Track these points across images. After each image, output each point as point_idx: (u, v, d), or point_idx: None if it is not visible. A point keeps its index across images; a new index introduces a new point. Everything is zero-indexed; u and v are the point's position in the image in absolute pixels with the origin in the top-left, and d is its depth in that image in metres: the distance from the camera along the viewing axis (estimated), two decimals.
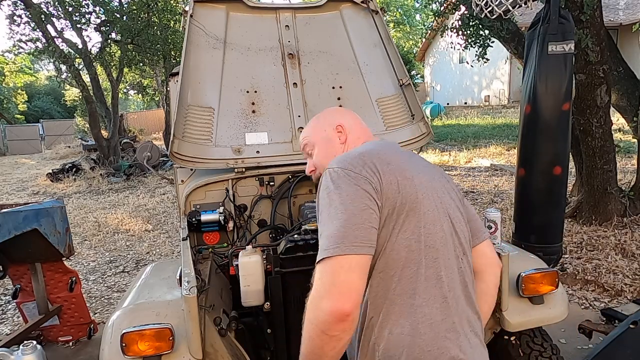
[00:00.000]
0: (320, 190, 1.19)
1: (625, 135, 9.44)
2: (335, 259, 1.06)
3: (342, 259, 1.06)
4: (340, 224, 1.09)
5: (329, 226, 1.11)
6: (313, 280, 1.10)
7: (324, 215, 1.14)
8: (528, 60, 3.22)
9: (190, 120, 2.54)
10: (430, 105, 18.72)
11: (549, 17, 2.99)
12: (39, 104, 34.63)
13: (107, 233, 6.84)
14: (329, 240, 1.08)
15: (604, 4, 4.85)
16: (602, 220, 5.03)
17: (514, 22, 6.13)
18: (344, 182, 1.15)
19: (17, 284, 3.46)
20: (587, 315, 3.45)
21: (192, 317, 1.60)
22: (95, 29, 12.32)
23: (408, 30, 31.13)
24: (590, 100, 4.66)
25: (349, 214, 1.10)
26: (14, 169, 16.15)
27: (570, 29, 3.02)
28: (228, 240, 2.52)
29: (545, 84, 3.09)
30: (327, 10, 2.90)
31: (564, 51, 3.01)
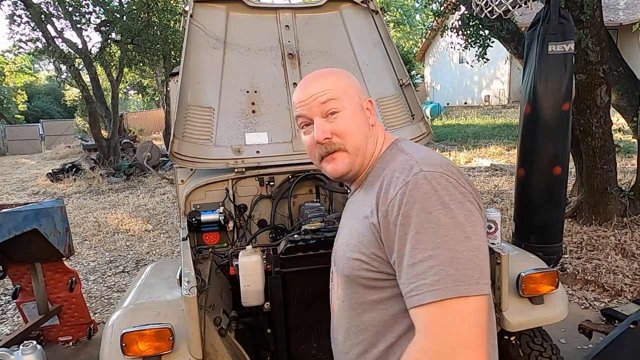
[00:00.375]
0: (419, 195, 0.88)
1: (625, 135, 9.44)
2: (481, 298, 0.84)
3: (485, 299, 0.85)
4: (475, 253, 0.86)
5: (465, 254, 0.85)
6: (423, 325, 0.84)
7: (440, 232, 0.86)
8: (528, 60, 3.22)
9: (190, 120, 2.54)
10: (430, 105, 18.73)
11: (549, 17, 2.99)
12: (39, 104, 34.63)
13: (107, 233, 6.84)
14: (474, 270, 0.84)
15: (604, 4, 4.85)
16: (602, 220, 5.03)
17: (514, 22, 6.13)
18: (460, 196, 0.90)
19: (17, 284, 3.46)
20: (587, 315, 3.45)
21: (192, 317, 1.60)
22: (95, 29, 12.33)
23: (408, 30, 31.13)
24: (590, 100, 4.66)
25: (481, 241, 0.88)
26: (14, 169, 16.15)
27: (570, 29, 3.02)
28: (228, 240, 2.52)
29: (545, 84, 3.09)
30: (327, 10, 2.90)
31: (564, 51, 3.01)
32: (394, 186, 0.93)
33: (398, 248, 0.89)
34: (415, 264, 0.86)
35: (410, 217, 0.88)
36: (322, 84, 1.10)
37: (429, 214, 0.86)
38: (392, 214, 0.91)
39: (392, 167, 1.00)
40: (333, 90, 1.08)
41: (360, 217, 1.01)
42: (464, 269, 0.84)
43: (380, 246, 0.94)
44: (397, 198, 0.91)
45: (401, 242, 0.89)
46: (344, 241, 1.07)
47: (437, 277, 0.83)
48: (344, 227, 1.13)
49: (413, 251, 0.86)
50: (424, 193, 0.88)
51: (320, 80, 1.12)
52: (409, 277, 0.87)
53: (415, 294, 0.85)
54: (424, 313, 0.84)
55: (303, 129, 1.14)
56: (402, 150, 1.06)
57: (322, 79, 1.12)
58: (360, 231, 0.99)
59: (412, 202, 0.88)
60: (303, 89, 1.12)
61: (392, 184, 0.94)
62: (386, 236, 0.92)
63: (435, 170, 0.92)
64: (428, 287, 0.83)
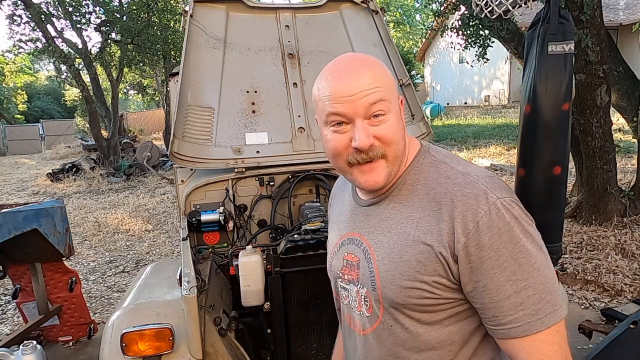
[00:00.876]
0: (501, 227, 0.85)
1: (625, 135, 9.44)
2: (563, 321, 0.87)
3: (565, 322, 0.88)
4: (554, 272, 0.88)
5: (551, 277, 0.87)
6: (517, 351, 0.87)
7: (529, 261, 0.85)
8: (528, 60, 3.21)
9: (190, 120, 2.54)
10: (430, 105, 18.73)
11: (549, 17, 2.98)
12: (39, 104, 34.63)
13: (107, 233, 6.84)
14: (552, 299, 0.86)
15: (604, 4, 4.85)
16: (602, 220, 5.03)
17: (514, 22, 6.13)
18: (529, 220, 0.89)
19: (17, 284, 3.46)
20: (587, 315, 3.45)
21: (192, 317, 1.60)
22: (95, 29, 12.33)
23: (408, 30, 31.11)
24: (590, 100, 4.66)
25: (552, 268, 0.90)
26: (14, 169, 16.15)
27: (570, 29, 3.01)
28: (228, 240, 2.52)
29: (545, 84, 3.08)
30: (327, 10, 2.90)
31: (564, 51, 3.01)
32: (472, 215, 0.86)
33: (486, 281, 0.85)
34: (510, 296, 0.84)
35: (499, 250, 0.84)
36: (370, 78, 0.90)
37: (516, 243, 0.85)
38: (474, 246, 0.85)
39: (451, 188, 0.90)
40: (382, 87, 0.91)
41: (411, 240, 0.92)
42: (555, 292, 0.86)
43: (446, 275, 0.89)
44: (481, 229, 0.84)
45: (490, 275, 0.85)
46: (389, 267, 0.94)
47: (538, 305, 0.84)
48: (380, 246, 0.98)
49: (507, 283, 0.84)
50: (507, 223, 0.85)
51: (366, 72, 0.91)
52: (504, 310, 0.85)
53: (518, 325, 0.85)
54: (532, 343, 0.85)
55: (332, 127, 0.94)
56: (443, 162, 0.97)
57: (369, 71, 0.91)
58: (419, 259, 0.90)
59: (499, 233, 0.84)
60: (344, 80, 0.91)
61: (467, 212, 0.86)
62: (465, 268, 0.87)
63: (507, 195, 0.88)
64: (531, 317, 0.84)
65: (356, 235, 1.05)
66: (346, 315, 1.11)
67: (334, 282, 1.14)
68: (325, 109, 0.93)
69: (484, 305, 0.88)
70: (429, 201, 0.92)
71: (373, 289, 0.98)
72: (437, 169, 0.96)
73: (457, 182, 0.91)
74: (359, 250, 1.02)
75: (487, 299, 0.86)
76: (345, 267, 1.07)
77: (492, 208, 0.85)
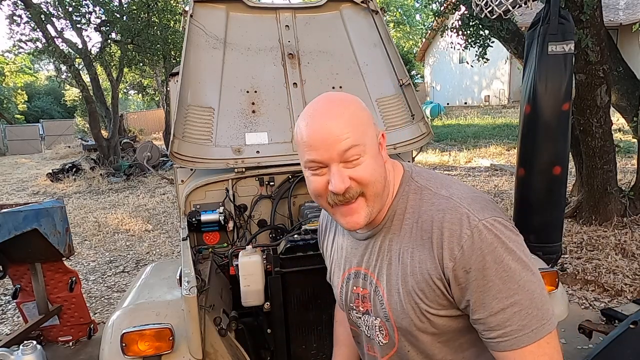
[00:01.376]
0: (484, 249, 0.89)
1: (625, 135, 9.44)
2: (554, 332, 0.91)
3: (556, 333, 0.92)
4: (542, 285, 0.92)
5: (538, 292, 0.90)
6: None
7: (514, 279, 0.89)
8: (528, 60, 3.21)
9: (190, 120, 2.54)
10: (430, 105, 18.73)
11: (549, 17, 2.98)
12: (39, 104, 34.64)
13: (107, 233, 6.84)
14: (548, 303, 0.91)
15: (604, 4, 4.85)
16: (602, 220, 5.03)
17: (514, 22, 6.13)
18: (513, 236, 0.93)
19: (17, 284, 3.46)
20: (587, 315, 3.45)
21: (192, 317, 1.60)
22: (95, 29, 12.33)
23: (408, 30, 31.11)
24: (590, 100, 4.66)
25: (537, 269, 0.93)
26: (14, 169, 16.15)
27: (570, 29, 3.01)
28: (228, 240, 2.52)
29: (545, 84, 3.08)
30: (327, 10, 2.90)
31: (564, 51, 3.01)
32: (457, 240, 0.90)
33: (475, 300, 0.91)
34: (497, 312, 0.89)
35: (484, 270, 0.89)
36: (341, 124, 0.92)
37: (500, 263, 0.88)
38: (461, 269, 0.90)
39: (436, 215, 0.94)
40: (354, 133, 0.93)
41: (409, 271, 0.97)
42: (542, 306, 0.89)
43: (446, 298, 0.95)
44: (466, 252, 0.89)
45: (478, 295, 0.90)
46: (397, 298, 0.99)
47: (525, 321, 0.88)
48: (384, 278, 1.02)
49: (493, 301, 0.89)
50: (490, 244, 0.89)
51: (337, 119, 0.93)
52: (493, 325, 0.90)
53: (506, 339, 0.89)
54: (521, 356, 0.89)
55: (311, 170, 0.97)
56: (426, 188, 1.01)
57: (339, 117, 0.93)
58: (421, 288, 0.96)
59: (482, 254, 0.89)
60: (317, 127, 0.93)
61: (452, 237, 0.91)
62: (455, 289, 0.93)
63: (489, 215, 0.92)
64: (517, 332, 0.88)
65: (360, 270, 1.10)
66: (365, 344, 1.16)
67: (347, 312, 1.19)
68: (303, 155, 0.97)
69: (475, 321, 0.93)
70: (417, 230, 0.97)
71: (387, 319, 1.03)
72: (420, 197, 1.00)
73: (440, 208, 0.95)
74: (367, 284, 1.08)
75: (477, 315, 0.92)
76: (357, 299, 1.12)
77: (475, 231, 0.90)
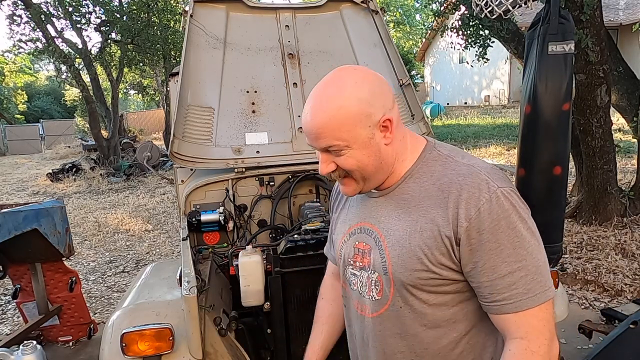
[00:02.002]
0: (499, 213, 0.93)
1: (625, 135, 9.44)
2: (551, 301, 0.97)
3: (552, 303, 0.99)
4: (545, 257, 0.97)
5: (543, 260, 0.96)
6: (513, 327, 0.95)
7: (523, 245, 0.94)
8: (528, 60, 3.21)
9: (190, 120, 2.54)
10: (430, 105, 18.73)
11: (549, 17, 2.98)
12: (39, 104, 34.61)
13: (107, 233, 6.84)
14: (542, 280, 0.95)
15: (604, 4, 4.85)
16: (602, 220, 5.03)
17: (514, 22, 6.13)
18: (525, 207, 0.98)
19: (17, 284, 3.46)
20: (587, 315, 3.45)
21: (192, 317, 1.60)
22: (95, 29, 12.33)
23: (408, 30, 31.09)
24: (590, 100, 4.66)
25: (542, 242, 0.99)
26: (14, 169, 16.15)
27: (570, 29, 3.01)
28: (228, 240, 2.52)
29: (545, 84, 3.08)
30: (327, 10, 2.90)
31: (564, 51, 3.00)
32: (474, 202, 0.94)
33: (484, 261, 0.94)
34: (505, 275, 0.93)
35: (497, 234, 0.93)
36: (322, 124, 0.97)
37: (513, 229, 0.93)
38: (475, 230, 0.94)
39: (456, 178, 0.98)
40: (334, 131, 0.97)
41: (419, 226, 1.00)
42: (545, 274, 0.95)
43: (450, 257, 0.98)
44: (482, 215, 0.93)
45: (488, 256, 0.94)
46: (400, 252, 1.02)
47: (530, 285, 0.93)
48: (390, 233, 1.05)
49: (502, 264, 0.93)
50: (506, 210, 0.93)
51: (321, 116, 0.98)
52: (499, 288, 0.94)
53: (511, 302, 0.94)
54: (523, 318, 0.94)
55: None
56: (448, 157, 1.05)
57: (323, 117, 0.97)
58: (426, 243, 0.98)
59: (498, 218, 0.93)
60: (306, 117, 1.01)
61: (470, 199, 0.94)
62: (465, 250, 0.95)
63: (506, 185, 0.97)
64: (522, 296, 0.93)
65: (367, 225, 1.12)
66: (355, 302, 1.17)
67: (343, 269, 1.20)
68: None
69: (480, 284, 0.96)
70: (435, 191, 1.00)
71: (385, 273, 1.05)
72: (443, 163, 1.04)
73: (462, 173, 0.99)
74: (370, 239, 1.10)
75: (484, 277, 0.95)
76: (357, 254, 1.14)
77: (493, 196, 0.94)
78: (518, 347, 0.95)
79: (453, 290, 1.02)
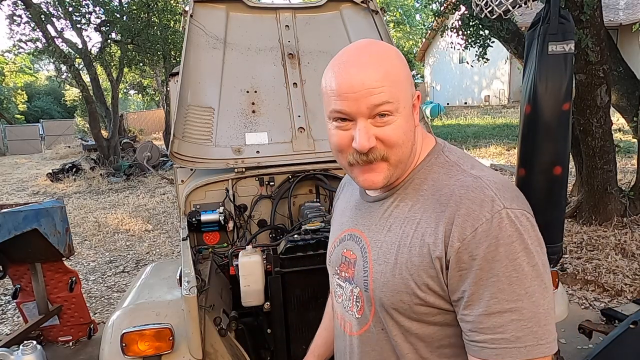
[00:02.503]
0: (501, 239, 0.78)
1: (625, 135, 9.44)
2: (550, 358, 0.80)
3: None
4: (551, 305, 0.80)
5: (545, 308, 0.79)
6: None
7: (525, 283, 0.77)
8: (528, 60, 3.21)
9: (190, 120, 2.54)
10: (430, 105, 18.73)
11: (549, 17, 2.98)
12: (39, 104, 34.61)
13: (107, 233, 6.84)
14: (551, 325, 0.79)
15: (604, 4, 4.85)
16: (602, 220, 5.03)
17: (514, 22, 6.13)
18: (537, 239, 0.81)
19: (17, 284, 3.46)
20: (587, 315, 3.45)
21: (192, 317, 1.60)
22: (95, 29, 12.33)
23: (408, 30, 31.09)
24: (590, 100, 4.66)
25: (552, 288, 0.82)
26: (14, 169, 16.15)
27: (570, 29, 3.01)
28: (228, 240, 2.52)
29: (545, 84, 3.08)
30: (327, 10, 2.90)
31: (564, 51, 3.01)
32: (472, 221, 0.79)
33: (471, 292, 0.79)
34: (493, 314, 0.78)
35: (492, 262, 0.77)
36: (378, 75, 0.82)
37: (513, 260, 0.77)
38: (467, 253, 0.79)
39: (458, 191, 0.84)
40: (391, 87, 0.83)
41: (408, 242, 0.87)
42: (544, 325, 0.78)
43: (438, 280, 0.84)
44: (478, 236, 0.78)
45: (476, 287, 0.79)
46: (383, 268, 0.90)
47: (521, 333, 0.77)
48: (377, 245, 0.93)
49: (492, 300, 0.78)
50: (508, 236, 0.78)
51: (374, 67, 0.83)
52: (484, 327, 0.79)
53: (492, 346, 0.78)
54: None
55: (335, 122, 0.88)
56: (456, 164, 0.91)
57: (377, 67, 0.83)
58: (413, 262, 0.86)
59: (496, 244, 0.78)
60: (349, 75, 0.84)
61: (468, 217, 0.80)
62: (454, 275, 0.81)
63: (517, 207, 0.81)
64: (508, 343, 0.77)
65: (357, 232, 1.01)
66: (339, 315, 1.07)
67: (332, 277, 1.10)
68: (329, 104, 0.88)
69: (463, 317, 0.82)
70: (433, 202, 0.87)
71: (365, 289, 0.94)
72: (448, 171, 0.90)
73: (465, 185, 0.84)
74: (358, 248, 0.99)
75: (468, 310, 0.81)
76: (343, 263, 1.03)
77: (496, 217, 0.79)
78: None
79: (440, 321, 0.87)
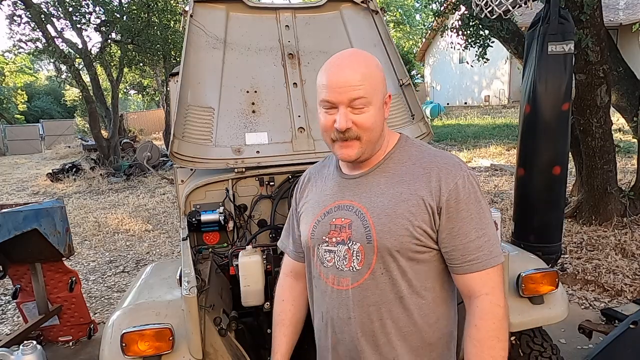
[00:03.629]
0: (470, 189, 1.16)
1: (625, 135, 9.44)
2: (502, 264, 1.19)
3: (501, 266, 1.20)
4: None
5: (493, 232, 1.18)
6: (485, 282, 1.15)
7: (486, 216, 1.18)
8: (528, 60, 3.21)
9: (190, 120, 2.54)
10: (430, 105, 18.71)
11: (549, 17, 2.98)
12: (39, 104, 34.60)
13: (107, 233, 6.84)
14: (498, 245, 1.17)
15: (604, 4, 4.85)
16: (602, 220, 5.03)
17: (514, 22, 6.13)
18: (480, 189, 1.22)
19: (17, 284, 3.46)
20: (587, 315, 3.45)
21: (192, 317, 1.60)
22: (95, 29, 12.34)
23: (408, 30, 31.09)
24: (590, 100, 4.67)
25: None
26: (14, 169, 16.15)
27: (570, 29, 3.02)
28: (228, 240, 2.52)
29: (545, 84, 3.08)
30: (327, 10, 2.90)
31: (564, 51, 3.01)
32: (452, 178, 1.15)
33: (458, 227, 1.14)
34: (474, 239, 1.15)
35: (469, 204, 1.15)
36: (358, 75, 1.14)
37: (478, 202, 1.16)
38: (454, 200, 1.14)
39: (435, 159, 1.20)
40: (367, 86, 1.14)
41: (404, 197, 1.16)
42: (497, 243, 1.18)
43: (431, 225, 1.15)
44: (459, 187, 1.15)
45: (462, 223, 1.14)
46: (386, 220, 1.16)
47: (491, 249, 1.15)
48: (373, 205, 1.19)
49: (472, 231, 1.15)
50: (473, 186, 1.17)
51: (355, 71, 1.14)
52: (470, 250, 1.14)
53: (479, 261, 1.14)
54: (487, 275, 1.15)
55: (324, 109, 1.19)
56: (422, 145, 1.28)
57: (358, 70, 1.14)
58: (411, 211, 1.15)
59: (469, 192, 1.15)
60: (337, 74, 1.15)
61: (449, 175, 1.16)
62: (445, 218, 1.15)
63: (471, 170, 1.20)
64: (487, 257, 1.14)
65: (345, 202, 1.24)
66: (330, 278, 1.24)
67: (315, 249, 1.27)
68: (321, 95, 1.18)
69: (454, 247, 1.16)
70: (417, 169, 1.20)
71: (368, 242, 1.17)
72: (419, 149, 1.25)
73: (438, 155, 1.22)
74: (351, 213, 1.22)
75: (458, 241, 1.15)
76: (333, 231, 1.23)
77: (465, 174, 1.17)
78: (484, 302, 1.14)
79: (427, 258, 1.18)
